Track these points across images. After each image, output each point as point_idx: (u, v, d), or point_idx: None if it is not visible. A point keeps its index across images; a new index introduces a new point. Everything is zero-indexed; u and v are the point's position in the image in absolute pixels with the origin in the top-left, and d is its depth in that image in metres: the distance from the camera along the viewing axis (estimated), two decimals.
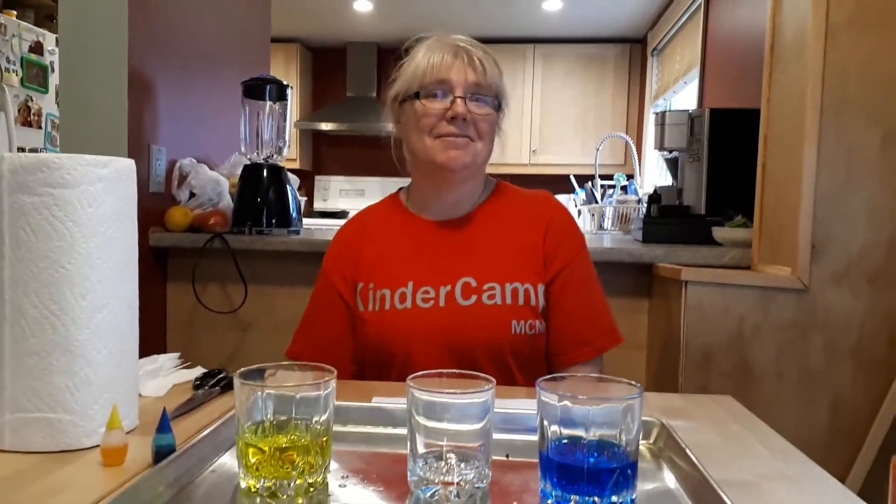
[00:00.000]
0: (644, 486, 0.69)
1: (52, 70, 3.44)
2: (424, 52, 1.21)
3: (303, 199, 2.29)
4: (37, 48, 3.35)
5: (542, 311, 1.20)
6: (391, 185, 5.70)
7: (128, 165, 0.84)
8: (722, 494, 0.61)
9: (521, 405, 0.89)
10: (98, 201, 0.78)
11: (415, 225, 1.28)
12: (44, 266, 0.76)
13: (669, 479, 0.73)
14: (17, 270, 0.76)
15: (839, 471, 0.76)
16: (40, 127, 3.40)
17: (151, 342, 0.89)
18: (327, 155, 5.96)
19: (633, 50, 5.34)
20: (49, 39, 3.43)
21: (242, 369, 0.70)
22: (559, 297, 1.21)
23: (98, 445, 0.75)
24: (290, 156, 5.42)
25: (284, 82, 2.17)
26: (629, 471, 0.64)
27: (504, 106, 1.25)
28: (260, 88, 2.13)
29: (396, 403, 0.88)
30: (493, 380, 0.69)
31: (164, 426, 0.73)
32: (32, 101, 3.33)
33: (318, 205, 5.75)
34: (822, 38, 1.48)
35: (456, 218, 1.26)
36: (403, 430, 0.77)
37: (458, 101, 1.16)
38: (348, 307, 1.26)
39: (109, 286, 0.80)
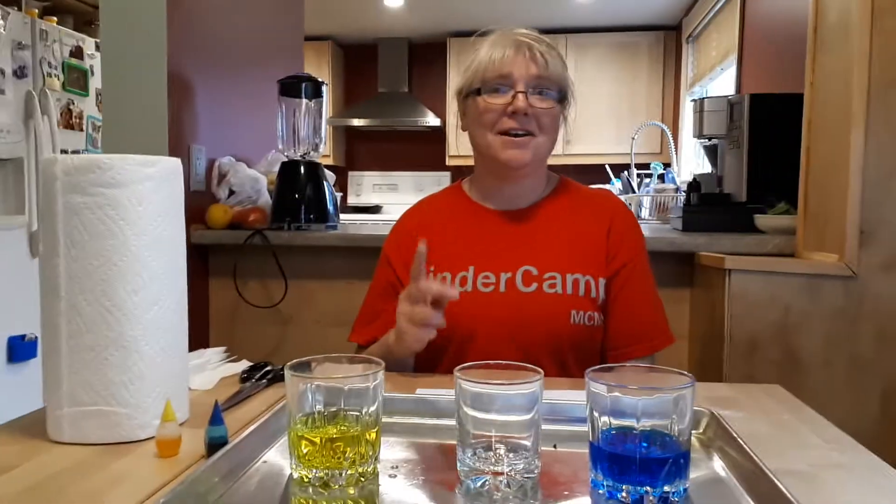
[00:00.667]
0: (695, 476, 0.69)
1: (92, 74, 3.51)
2: (487, 48, 1.21)
3: (338, 195, 2.31)
4: (77, 53, 3.43)
5: (601, 305, 1.21)
6: (424, 179, 5.72)
7: (174, 165, 0.85)
8: (777, 483, 0.61)
9: (566, 396, 0.89)
10: (147, 200, 0.80)
11: (477, 213, 1.29)
12: (97, 264, 0.78)
13: (721, 469, 0.72)
14: (72, 269, 0.78)
15: (890, 460, 0.74)
16: (82, 129, 3.48)
17: (195, 337, 0.91)
18: (360, 150, 5.99)
19: (668, 37, 5.26)
20: (89, 44, 3.51)
21: (292, 362, 0.71)
22: (619, 292, 1.22)
23: (152, 437, 0.77)
24: (324, 152, 5.46)
25: (319, 79, 2.19)
26: (681, 460, 0.63)
27: (569, 97, 1.25)
28: (296, 86, 2.15)
29: (439, 395, 0.88)
30: (541, 370, 0.69)
31: (216, 418, 0.74)
32: (74, 104, 3.41)
33: (352, 200, 5.79)
34: (868, 19, 1.44)
35: (519, 209, 1.27)
36: (448, 421, 0.78)
37: (520, 95, 1.17)
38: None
39: (160, 282, 0.81)
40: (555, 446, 0.78)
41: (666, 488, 0.62)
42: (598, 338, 1.22)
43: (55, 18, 3.47)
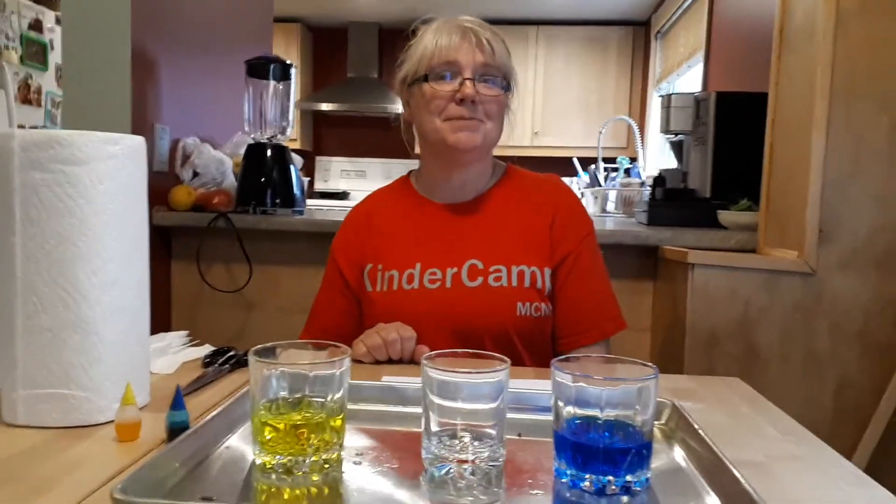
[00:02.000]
0: (657, 465, 0.70)
1: (52, 48, 3.41)
2: (432, 34, 1.20)
3: (305, 180, 2.29)
4: (36, 25, 3.32)
5: (548, 295, 1.21)
6: (393, 166, 5.70)
7: (138, 143, 0.83)
8: (735, 473, 0.62)
9: (532, 385, 0.89)
10: (109, 178, 0.78)
11: (423, 208, 1.28)
12: (55, 243, 0.75)
13: (681, 459, 0.73)
14: (28, 248, 0.75)
15: (843, 452, 0.77)
16: (40, 105, 3.38)
17: (157, 321, 0.89)
18: (328, 136, 5.93)
19: (637, 32, 5.31)
20: (48, 17, 3.40)
21: (256, 347, 0.70)
22: (565, 281, 1.22)
23: (111, 421, 0.76)
24: (291, 136, 5.40)
25: (288, 62, 2.16)
26: (644, 451, 0.64)
27: (513, 86, 1.24)
28: (264, 68, 2.12)
29: (406, 382, 0.88)
30: (508, 360, 0.69)
31: (177, 403, 0.73)
32: (32, 78, 3.31)
33: (319, 186, 5.74)
34: (832, 23, 1.47)
35: (465, 202, 1.27)
36: (414, 409, 0.78)
37: (467, 82, 1.16)
38: (353, 293, 1.27)
39: (120, 264, 0.79)
40: (519, 435, 0.78)
41: (628, 478, 0.63)
42: (546, 328, 1.22)
43: None
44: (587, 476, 0.63)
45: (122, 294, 0.80)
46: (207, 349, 1.08)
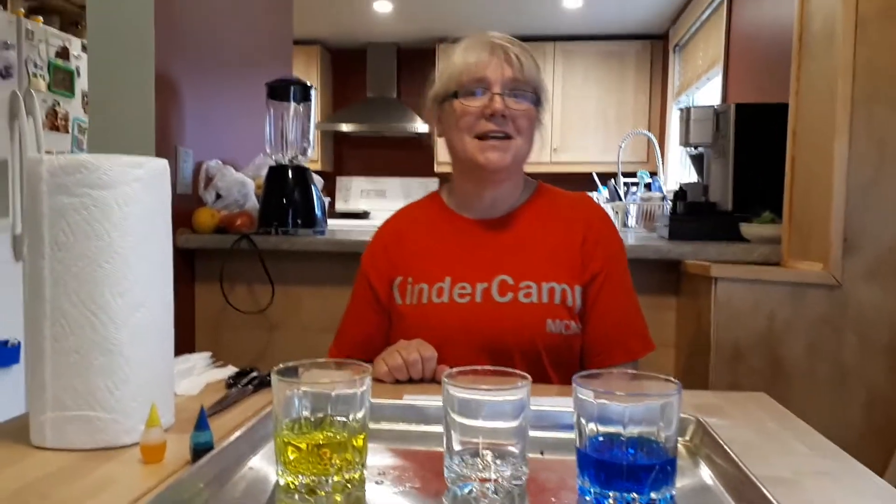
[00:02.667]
0: (682, 483, 0.69)
1: (78, 75, 3.48)
2: (461, 52, 1.22)
3: (326, 200, 2.31)
4: (63, 53, 3.40)
5: (578, 313, 1.21)
6: (412, 185, 5.72)
7: (162, 166, 0.85)
8: (763, 489, 0.61)
9: (554, 402, 0.89)
10: (134, 201, 0.79)
11: (454, 222, 1.29)
12: (83, 266, 0.77)
13: (707, 476, 0.72)
14: (56, 270, 0.77)
15: (874, 468, 0.75)
16: (67, 131, 3.45)
17: (181, 342, 0.90)
18: (348, 156, 5.98)
19: (655, 46, 5.30)
20: (75, 45, 3.48)
21: (279, 366, 0.70)
22: (595, 299, 1.22)
23: (136, 443, 0.76)
24: (312, 157, 5.45)
25: (308, 83, 2.19)
26: (668, 467, 0.63)
27: (543, 101, 1.25)
28: (284, 90, 2.15)
29: (428, 401, 0.88)
30: (528, 377, 0.69)
31: (201, 424, 0.74)
32: (59, 105, 3.38)
33: (340, 206, 5.77)
34: (851, 29, 1.46)
35: (496, 217, 1.27)
36: (436, 428, 0.78)
37: (496, 97, 1.17)
38: (383, 306, 1.28)
39: (146, 285, 0.81)
40: (542, 453, 0.78)
41: (653, 495, 0.62)
42: (575, 346, 1.21)
43: (41, 18, 3.45)
44: (611, 494, 0.63)
45: (148, 315, 0.81)
46: (231, 370, 1.09)
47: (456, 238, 1.27)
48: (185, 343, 2.01)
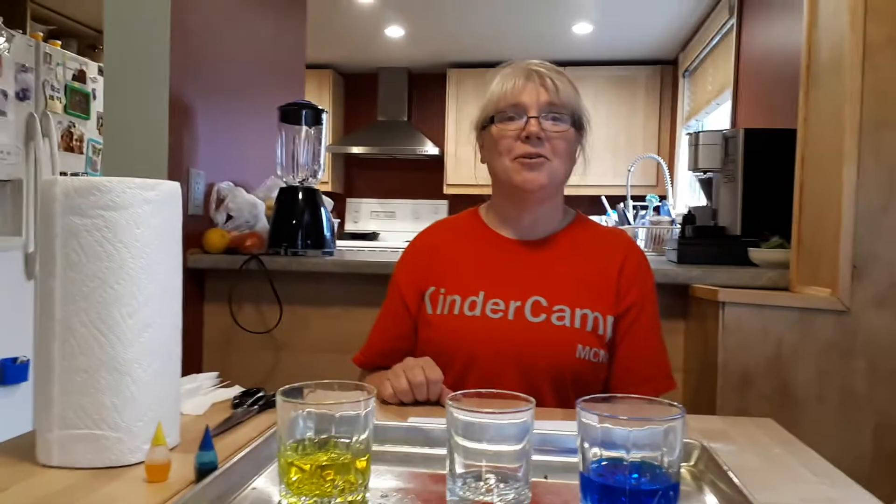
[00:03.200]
0: None
1: (94, 97, 3.54)
2: (499, 79, 1.25)
3: (336, 221, 2.32)
4: (80, 76, 3.46)
5: (607, 342, 1.22)
6: (422, 207, 5.75)
7: (174, 188, 0.86)
8: None
9: (558, 426, 0.89)
10: (146, 223, 0.81)
11: (492, 239, 1.30)
12: (93, 286, 0.78)
13: (711, 502, 0.72)
14: (67, 290, 0.78)
15: (883, 497, 0.74)
16: (82, 152, 3.50)
17: (189, 362, 0.91)
18: (359, 178, 6.02)
19: (665, 71, 5.33)
20: (91, 68, 3.54)
21: (284, 387, 0.71)
22: (626, 332, 1.23)
23: (142, 462, 0.77)
24: (323, 179, 5.50)
25: (320, 107, 2.21)
26: (671, 492, 0.63)
27: (585, 125, 1.28)
28: (296, 113, 2.18)
29: (432, 424, 0.88)
30: (533, 400, 0.69)
31: (206, 444, 0.74)
32: (75, 126, 3.43)
33: (350, 227, 5.81)
34: (859, 56, 1.46)
35: (534, 239, 1.29)
36: (440, 450, 0.78)
37: (532, 120, 1.19)
38: (412, 316, 1.28)
39: (155, 306, 0.82)
40: (546, 477, 0.77)
41: None
42: (601, 374, 1.22)
43: (59, 42, 3.51)
44: None
45: (156, 336, 0.82)
46: (237, 390, 1.10)
47: (492, 254, 1.28)
48: (192, 362, 2.02)
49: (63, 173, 3.30)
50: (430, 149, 5.46)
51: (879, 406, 1.48)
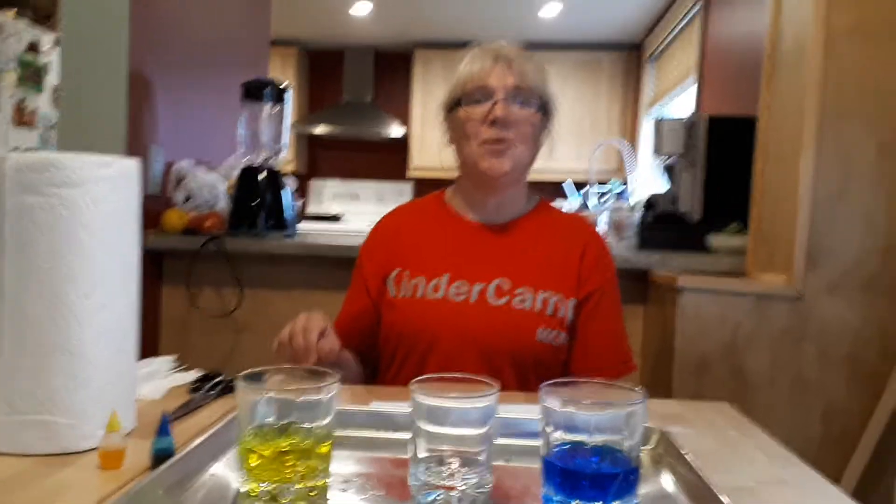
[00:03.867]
0: (645, 491, 0.69)
1: (47, 71, 3.42)
2: (467, 62, 1.24)
3: (298, 203, 2.29)
4: (33, 48, 3.34)
5: (568, 325, 1.23)
6: (386, 189, 5.71)
7: (132, 166, 0.83)
8: (722, 498, 0.62)
9: (520, 410, 0.89)
10: (103, 201, 0.78)
11: (457, 223, 1.30)
12: (47, 266, 0.75)
13: (669, 485, 0.73)
14: (19, 269, 0.75)
15: (830, 476, 0.77)
16: (35, 127, 3.39)
17: (146, 345, 0.89)
18: (322, 158, 5.95)
19: (630, 56, 5.36)
20: (46, 39, 3.42)
21: (244, 372, 0.69)
22: (587, 317, 1.24)
23: (95, 448, 0.75)
24: (286, 158, 5.42)
25: (283, 84, 2.17)
26: (632, 476, 0.64)
27: (551, 109, 1.27)
28: (259, 90, 2.13)
29: (395, 408, 0.88)
30: (497, 384, 0.69)
31: (163, 430, 0.73)
32: (27, 101, 3.31)
33: (313, 208, 5.74)
34: (821, 46, 1.49)
35: (498, 223, 1.29)
36: (403, 435, 0.78)
37: (499, 103, 1.19)
38: (373, 300, 1.28)
39: (111, 287, 0.79)
40: (507, 461, 0.78)
41: (616, 503, 0.63)
42: (561, 357, 1.23)
43: (13, 11, 3.38)
44: (575, 502, 0.63)
45: (112, 317, 0.80)
46: (195, 374, 1.08)
47: (457, 237, 1.28)
48: (149, 346, 1.98)
49: (16, 149, 3.19)
50: (395, 131, 5.41)
51: (828, 391, 1.52)
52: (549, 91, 1.26)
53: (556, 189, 3.85)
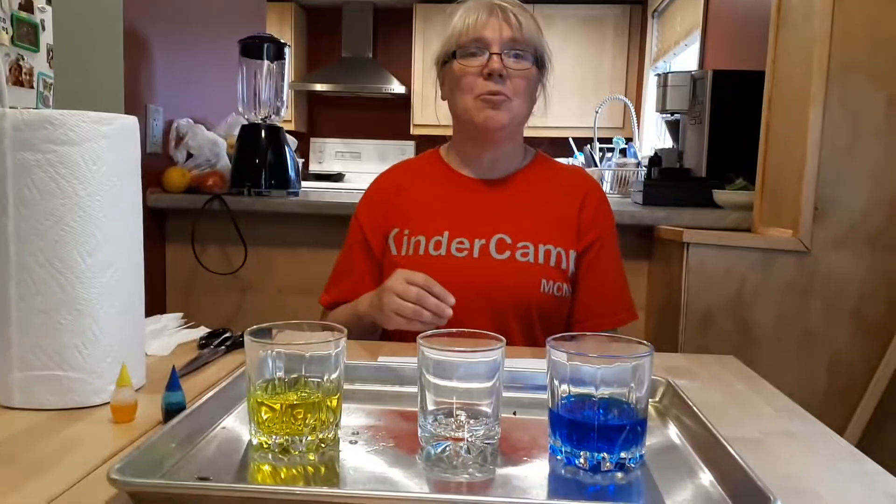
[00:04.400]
0: (651, 443, 0.70)
1: (43, 28, 3.36)
2: (461, 13, 1.22)
3: (300, 161, 2.28)
4: (27, 5, 3.28)
5: (570, 277, 1.23)
6: (388, 147, 5.67)
7: (131, 123, 0.82)
8: (729, 448, 0.62)
9: (528, 364, 0.90)
10: (102, 159, 0.77)
11: (454, 179, 1.29)
12: (49, 224, 0.75)
13: (676, 436, 0.73)
14: (21, 228, 0.75)
15: (835, 428, 0.78)
16: (32, 86, 3.35)
17: (152, 303, 0.89)
18: (323, 117, 5.89)
19: (634, 11, 5.26)
20: None
21: (252, 328, 0.69)
22: (588, 267, 1.24)
23: (107, 403, 0.76)
24: (285, 117, 5.37)
25: (282, 41, 2.14)
26: (638, 428, 0.64)
27: (547, 63, 1.26)
28: (257, 47, 2.10)
29: (402, 362, 0.88)
30: (503, 339, 0.69)
31: (173, 384, 0.73)
32: (23, 59, 3.27)
33: (314, 167, 5.71)
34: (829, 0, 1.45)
35: (495, 178, 1.28)
36: (411, 389, 0.78)
37: (494, 57, 1.17)
38: (374, 256, 1.28)
39: (116, 245, 0.79)
40: (515, 413, 0.78)
41: (623, 455, 0.63)
42: (565, 309, 1.24)
43: None
44: (582, 453, 0.64)
45: (117, 275, 0.80)
46: (203, 331, 1.08)
47: (456, 194, 1.27)
48: (156, 304, 1.99)
49: (13, 108, 3.16)
50: (397, 87, 5.35)
51: (834, 344, 1.53)
52: (544, 44, 1.24)
53: (562, 145, 3.81)
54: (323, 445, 0.67)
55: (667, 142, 2.63)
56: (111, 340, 0.79)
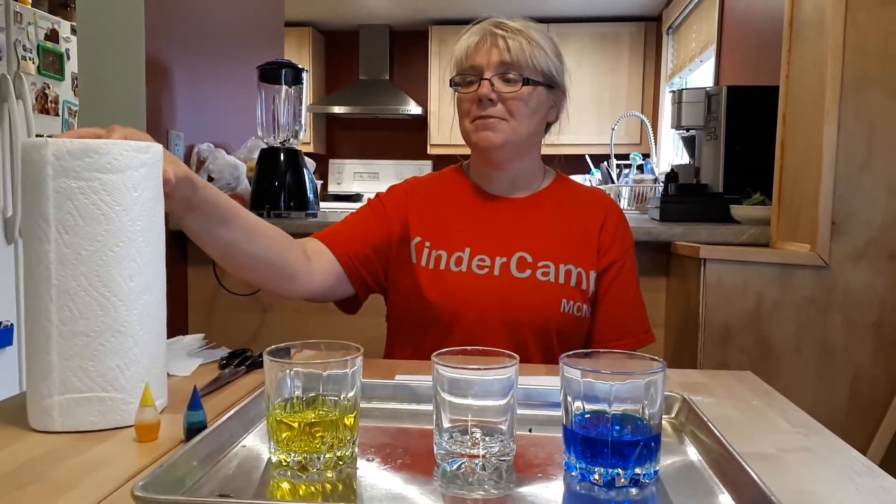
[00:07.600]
0: (667, 459, 0.70)
1: (68, 57, 3.45)
2: (462, 39, 1.25)
3: (318, 183, 2.31)
4: (52, 36, 3.37)
5: (590, 297, 1.24)
6: (405, 167, 5.72)
7: (160, 150, 0.86)
8: (744, 464, 0.62)
9: (542, 381, 0.90)
10: (142, 186, 0.81)
11: (477, 196, 1.31)
12: (92, 249, 0.77)
13: (692, 453, 0.74)
14: (63, 254, 0.77)
15: (858, 446, 0.77)
16: (57, 114, 3.43)
17: (174, 324, 0.91)
18: (341, 138, 5.96)
19: (648, 28, 5.29)
20: (64, 27, 3.45)
21: (270, 347, 0.71)
22: (608, 288, 1.25)
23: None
24: (304, 140, 5.43)
25: (300, 66, 2.18)
26: (652, 444, 0.65)
27: (558, 82, 1.26)
28: (276, 72, 2.14)
29: (418, 380, 0.89)
30: (517, 356, 0.70)
31: (195, 404, 0.75)
32: (49, 88, 3.35)
33: (333, 188, 5.77)
34: (842, 13, 1.46)
35: (517, 198, 1.30)
36: (426, 406, 0.79)
37: (484, 83, 1.19)
38: (386, 232, 1.25)
39: (152, 268, 0.82)
40: (530, 430, 0.79)
41: (637, 470, 0.64)
42: (584, 329, 1.25)
43: (30, 0, 3.41)
44: (596, 469, 0.64)
45: (154, 298, 0.83)
46: (224, 351, 1.10)
47: (477, 210, 1.29)
48: (178, 325, 2.02)
49: (39, 136, 3.24)
50: (413, 108, 5.40)
51: (855, 359, 1.51)
52: (548, 63, 1.23)
53: (579, 162, 3.82)
54: (340, 463, 0.68)
55: (684, 158, 2.63)
56: (149, 361, 0.82)
